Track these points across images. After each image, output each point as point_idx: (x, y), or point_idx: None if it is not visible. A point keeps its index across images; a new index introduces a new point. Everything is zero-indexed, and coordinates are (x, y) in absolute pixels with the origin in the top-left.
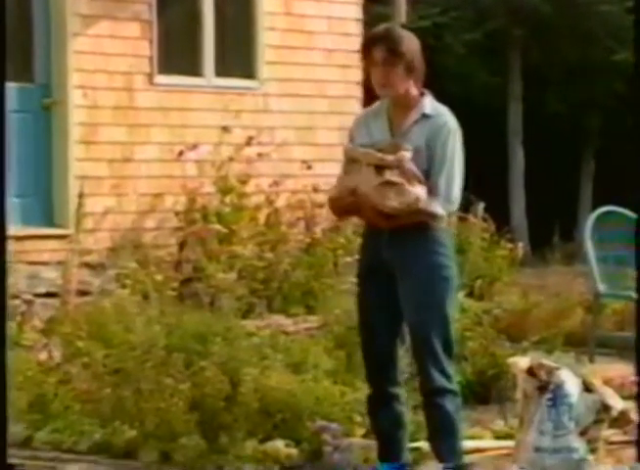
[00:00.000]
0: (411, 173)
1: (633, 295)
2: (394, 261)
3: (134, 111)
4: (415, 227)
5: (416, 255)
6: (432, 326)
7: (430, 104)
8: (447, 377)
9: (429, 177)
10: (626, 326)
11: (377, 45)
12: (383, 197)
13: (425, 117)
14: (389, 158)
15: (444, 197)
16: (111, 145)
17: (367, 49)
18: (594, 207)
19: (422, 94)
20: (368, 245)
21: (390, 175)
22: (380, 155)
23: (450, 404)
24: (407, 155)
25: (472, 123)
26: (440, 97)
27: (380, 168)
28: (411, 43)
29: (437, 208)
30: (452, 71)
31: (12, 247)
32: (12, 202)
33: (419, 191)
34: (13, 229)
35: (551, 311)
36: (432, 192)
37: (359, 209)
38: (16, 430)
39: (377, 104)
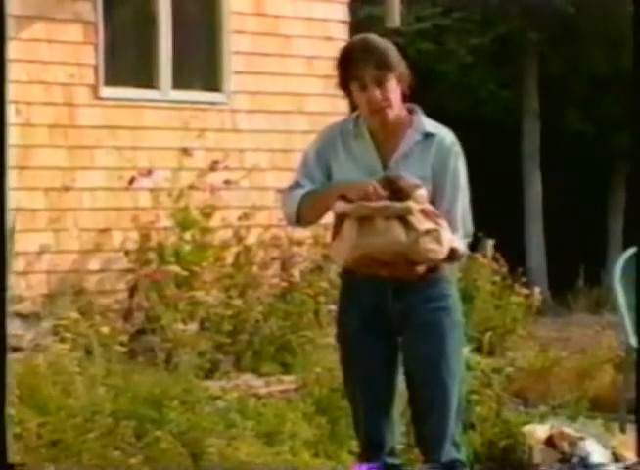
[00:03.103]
0: (432, 212)
1: None
2: (403, 312)
3: (76, 130)
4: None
5: (428, 300)
6: (446, 381)
7: (427, 121)
8: (457, 446)
9: (438, 208)
10: None
11: (363, 62)
12: (426, 251)
13: (428, 136)
14: (412, 205)
15: (464, 231)
16: (48, 171)
17: (348, 69)
18: (625, 244)
19: (410, 110)
20: (366, 297)
21: (419, 223)
22: (401, 205)
23: None
24: (424, 193)
25: (479, 144)
26: (441, 113)
27: (402, 218)
28: (397, 54)
29: (461, 245)
30: (456, 82)
31: None
32: None
33: (449, 231)
34: None
35: (574, 370)
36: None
37: (382, 266)
38: None
39: (350, 120)
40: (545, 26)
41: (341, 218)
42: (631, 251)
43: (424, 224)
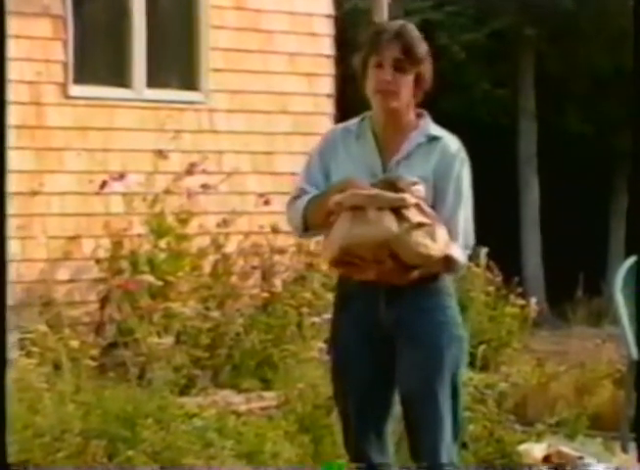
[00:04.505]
0: (430, 212)
1: None
2: (396, 322)
3: (44, 131)
4: (420, 278)
5: (424, 311)
6: (443, 400)
7: (433, 126)
8: (454, 468)
9: (439, 214)
10: None
11: (389, 41)
12: (417, 245)
13: (432, 139)
14: (407, 197)
15: (464, 242)
16: (14, 174)
17: (374, 45)
18: (628, 252)
19: (418, 115)
20: (358, 304)
21: (414, 216)
22: (395, 195)
23: None
24: (422, 189)
25: (473, 147)
26: (432, 113)
27: (396, 210)
28: (426, 51)
29: (460, 254)
30: (448, 81)
31: None
32: None
33: (445, 233)
34: None
35: (573, 385)
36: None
37: (369, 263)
38: None
39: (354, 121)
40: (543, 22)
41: (335, 216)
42: (633, 259)
43: (417, 217)
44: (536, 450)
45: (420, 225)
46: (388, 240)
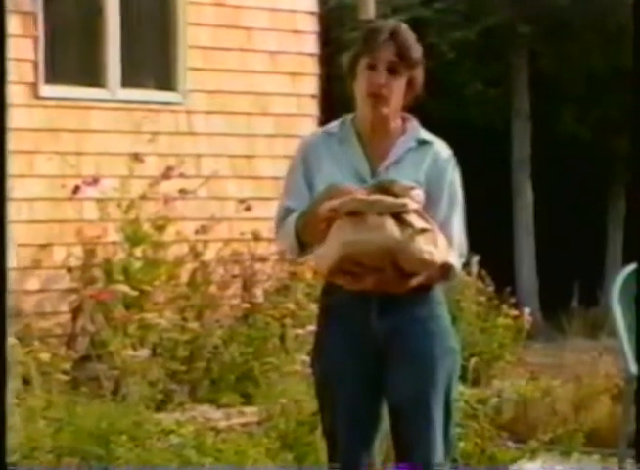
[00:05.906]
0: (428, 218)
1: None
2: (388, 332)
3: (13, 133)
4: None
5: (417, 321)
6: (436, 413)
7: (422, 130)
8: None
9: (433, 220)
10: None
11: (384, 42)
12: (421, 251)
13: (422, 143)
14: (409, 202)
15: (459, 249)
16: None
17: (368, 45)
18: (625, 260)
19: (404, 119)
20: (347, 314)
21: (416, 221)
22: (396, 200)
23: None
24: (421, 194)
25: (464, 150)
26: (421, 115)
27: (396, 216)
28: (421, 54)
29: (457, 262)
30: (437, 81)
31: None
32: None
33: (444, 239)
34: None
35: (569, 400)
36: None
37: (369, 271)
38: None
39: (334, 125)
40: (537, 19)
41: (328, 223)
42: (632, 267)
43: (419, 223)
44: (530, 469)
45: (423, 231)
46: (391, 247)
